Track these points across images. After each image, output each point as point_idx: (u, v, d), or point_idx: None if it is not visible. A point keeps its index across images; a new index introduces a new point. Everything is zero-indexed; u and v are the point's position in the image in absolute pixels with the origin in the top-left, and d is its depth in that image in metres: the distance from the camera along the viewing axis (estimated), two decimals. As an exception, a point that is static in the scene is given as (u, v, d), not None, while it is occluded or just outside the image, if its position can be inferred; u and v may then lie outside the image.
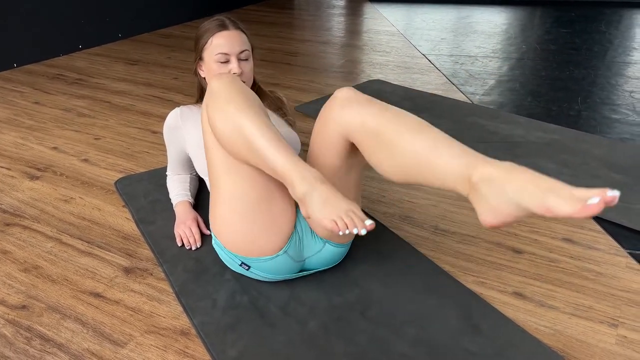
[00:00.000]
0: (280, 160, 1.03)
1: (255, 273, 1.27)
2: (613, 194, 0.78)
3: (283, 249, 1.22)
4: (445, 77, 2.94)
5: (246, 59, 1.43)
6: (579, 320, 1.22)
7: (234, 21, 1.44)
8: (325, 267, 1.34)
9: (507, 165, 0.89)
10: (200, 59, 1.46)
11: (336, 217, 0.96)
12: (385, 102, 2.66)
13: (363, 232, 0.95)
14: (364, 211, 1.53)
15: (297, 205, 1.26)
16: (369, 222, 0.95)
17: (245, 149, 1.07)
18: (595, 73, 2.98)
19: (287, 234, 1.22)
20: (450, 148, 0.97)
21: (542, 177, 0.86)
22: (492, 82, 2.86)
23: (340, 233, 0.97)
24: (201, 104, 1.58)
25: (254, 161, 1.08)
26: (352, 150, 1.17)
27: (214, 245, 1.32)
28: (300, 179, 1.01)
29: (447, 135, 1.01)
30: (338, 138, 1.14)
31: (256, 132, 1.05)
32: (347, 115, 1.10)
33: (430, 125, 1.04)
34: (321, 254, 1.28)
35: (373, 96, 2.60)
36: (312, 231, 1.26)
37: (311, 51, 3.53)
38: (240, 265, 1.26)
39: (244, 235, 1.20)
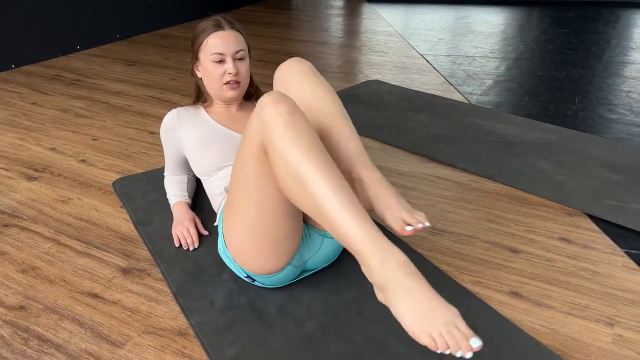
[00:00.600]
0: (359, 234, 0.90)
1: (259, 283, 1.28)
2: (424, 226, 1.04)
3: (288, 262, 1.23)
4: (443, 77, 2.95)
5: (242, 59, 1.43)
6: (575, 319, 1.22)
7: (229, 21, 1.44)
8: (324, 265, 1.34)
9: (377, 176, 1.12)
10: (197, 59, 1.46)
11: (435, 333, 0.80)
12: (383, 103, 2.69)
13: (469, 355, 0.78)
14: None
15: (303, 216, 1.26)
16: (476, 344, 0.79)
17: (311, 206, 0.96)
18: (593, 73, 2.99)
19: (294, 252, 1.23)
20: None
21: (392, 194, 1.08)
22: (489, 82, 2.87)
23: (439, 352, 0.80)
24: (198, 104, 1.58)
25: (319, 220, 0.96)
26: None
27: (222, 254, 1.31)
28: (380, 264, 0.88)
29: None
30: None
31: (332, 196, 0.93)
32: (285, 74, 1.22)
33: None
34: (320, 251, 1.29)
35: (371, 97, 2.60)
36: (310, 232, 1.27)
37: (309, 52, 3.53)
38: (246, 277, 1.27)
39: (254, 258, 1.20)
